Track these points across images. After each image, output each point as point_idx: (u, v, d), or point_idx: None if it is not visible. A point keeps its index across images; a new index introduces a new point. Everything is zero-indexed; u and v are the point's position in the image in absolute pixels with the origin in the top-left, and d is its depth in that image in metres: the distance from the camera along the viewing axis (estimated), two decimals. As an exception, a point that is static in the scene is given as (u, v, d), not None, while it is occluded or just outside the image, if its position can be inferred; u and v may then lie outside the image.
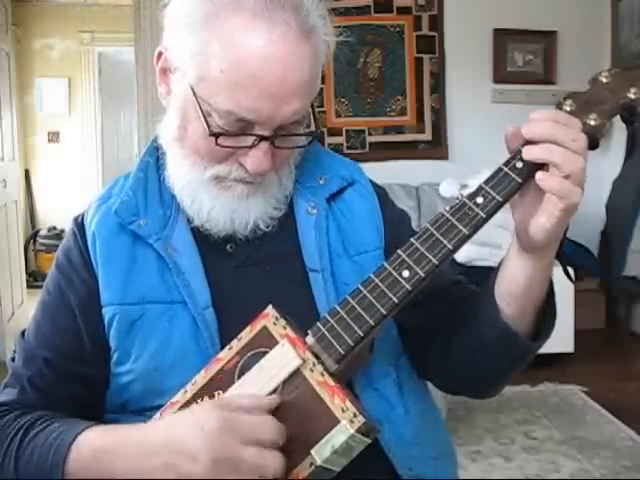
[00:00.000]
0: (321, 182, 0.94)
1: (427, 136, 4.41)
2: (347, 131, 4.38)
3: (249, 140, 0.81)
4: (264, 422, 0.71)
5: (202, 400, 0.77)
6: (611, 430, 2.83)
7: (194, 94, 0.81)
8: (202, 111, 0.80)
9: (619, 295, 4.06)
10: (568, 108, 0.77)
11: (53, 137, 6.47)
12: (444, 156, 4.41)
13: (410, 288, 0.75)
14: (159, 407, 0.80)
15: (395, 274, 0.76)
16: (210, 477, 0.68)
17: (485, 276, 0.85)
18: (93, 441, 0.77)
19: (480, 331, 0.83)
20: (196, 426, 0.70)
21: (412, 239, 0.77)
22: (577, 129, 0.72)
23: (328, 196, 0.93)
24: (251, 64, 0.77)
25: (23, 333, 0.91)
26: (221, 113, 0.79)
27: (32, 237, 6.19)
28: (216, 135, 0.80)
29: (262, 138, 0.80)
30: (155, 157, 0.94)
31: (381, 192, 0.99)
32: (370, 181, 0.99)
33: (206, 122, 0.80)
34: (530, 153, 0.73)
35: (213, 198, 0.86)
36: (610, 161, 3.80)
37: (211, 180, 0.85)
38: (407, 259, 0.76)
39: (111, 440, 0.76)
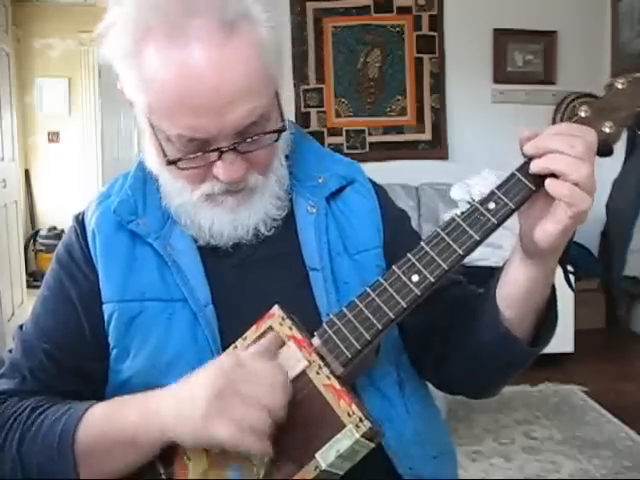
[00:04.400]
0: (320, 181, 0.93)
1: (427, 136, 4.41)
2: (347, 131, 4.38)
3: (213, 155, 0.80)
4: (270, 365, 0.73)
5: None
6: (611, 430, 2.83)
7: (151, 124, 0.81)
8: (158, 140, 0.81)
9: (619, 295, 4.06)
10: (583, 114, 0.76)
11: (53, 137, 6.47)
12: (444, 156, 4.41)
13: (419, 293, 0.75)
14: None
15: (404, 278, 0.75)
16: (210, 399, 0.70)
17: (486, 276, 0.85)
18: (105, 406, 0.80)
19: (480, 333, 0.83)
20: (202, 375, 0.73)
21: (422, 243, 0.76)
22: (577, 136, 0.72)
23: (328, 195, 0.93)
24: (176, 88, 0.75)
25: (21, 327, 0.91)
26: (175, 138, 0.79)
27: (32, 237, 6.19)
28: (173, 162, 0.81)
29: (223, 150, 0.79)
30: None
31: (380, 191, 0.99)
32: (370, 180, 0.99)
33: (162, 151, 0.81)
34: (535, 166, 0.73)
35: (209, 215, 0.86)
36: (610, 161, 3.79)
37: (202, 200, 0.85)
38: (417, 263, 0.75)
39: (123, 401, 0.79)
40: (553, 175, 0.72)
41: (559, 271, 0.81)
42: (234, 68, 0.76)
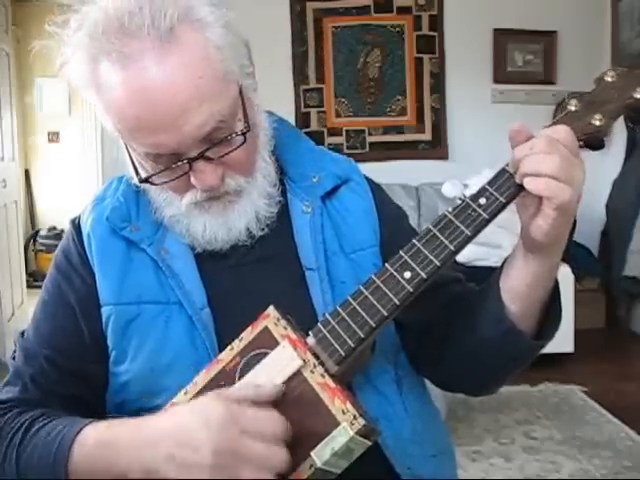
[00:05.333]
0: (315, 180, 0.93)
1: (427, 136, 4.41)
2: (347, 131, 4.38)
3: (184, 167, 0.80)
4: (268, 416, 0.71)
5: None
6: (611, 430, 2.83)
7: (124, 144, 0.83)
8: (132, 160, 0.83)
9: (619, 295, 4.06)
10: (573, 108, 0.77)
11: (53, 137, 6.46)
12: (444, 156, 4.41)
13: (412, 289, 0.75)
14: (157, 407, 0.80)
15: (397, 275, 0.76)
16: (212, 469, 0.68)
17: (485, 276, 0.85)
18: (98, 433, 0.77)
19: (481, 329, 0.82)
20: (200, 418, 0.70)
21: (414, 240, 0.76)
22: (537, 137, 0.72)
23: (323, 194, 0.93)
24: (130, 110, 0.76)
25: (23, 333, 0.92)
26: (145, 155, 0.81)
27: (32, 237, 6.19)
28: (146, 180, 0.82)
29: (191, 160, 0.79)
30: None
31: (376, 189, 0.99)
32: (366, 178, 0.99)
33: (135, 170, 0.83)
34: (517, 178, 0.74)
35: (200, 222, 0.86)
36: (610, 161, 3.80)
37: (190, 208, 0.85)
38: (409, 260, 0.76)
39: (116, 431, 0.77)
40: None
41: (559, 271, 0.81)
42: (180, 79, 0.75)
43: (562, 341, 3.39)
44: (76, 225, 0.93)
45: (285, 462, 0.69)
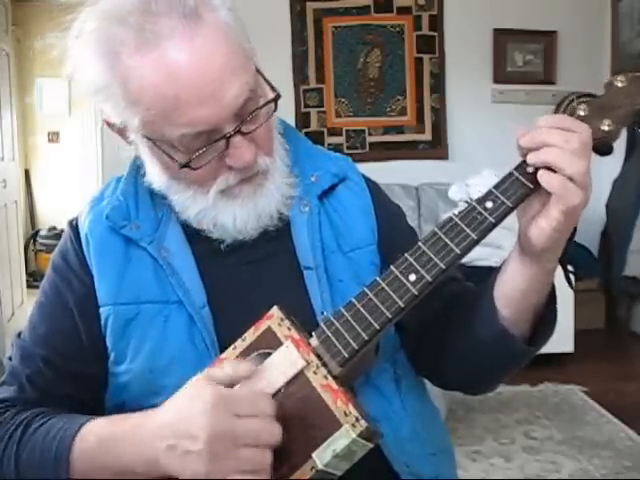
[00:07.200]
0: (312, 179, 0.93)
1: (427, 136, 4.41)
2: (347, 131, 4.38)
3: (220, 145, 0.80)
4: (257, 395, 0.72)
5: None
6: (611, 430, 2.83)
7: (150, 139, 0.82)
8: (164, 151, 0.81)
9: (619, 295, 4.06)
10: (582, 113, 0.76)
11: (53, 137, 6.47)
12: (444, 156, 4.41)
13: (416, 292, 0.75)
14: (157, 407, 0.80)
15: (402, 278, 0.75)
16: (211, 454, 0.69)
17: (485, 276, 0.85)
18: (99, 430, 0.78)
19: (477, 331, 0.82)
20: (195, 406, 0.71)
21: (420, 242, 0.76)
22: (574, 131, 0.72)
23: (320, 193, 0.93)
24: (166, 89, 0.76)
25: (19, 334, 0.92)
26: (179, 140, 0.79)
27: (32, 237, 6.19)
28: (186, 165, 0.80)
29: (228, 136, 0.80)
30: None
31: (374, 187, 0.99)
32: (363, 176, 0.99)
33: (171, 158, 0.81)
34: (533, 156, 0.73)
35: (230, 212, 0.86)
36: (610, 161, 3.80)
37: (218, 198, 0.85)
38: (414, 263, 0.75)
39: (117, 426, 0.78)
40: (548, 169, 0.72)
41: (559, 271, 0.81)
42: (212, 53, 0.77)
43: (562, 341, 3.39)
44: (74, 226, 0.93)
45: (279, 435, 0.70)
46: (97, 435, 0.78)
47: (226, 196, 0.85)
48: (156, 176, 0.87)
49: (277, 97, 0.83)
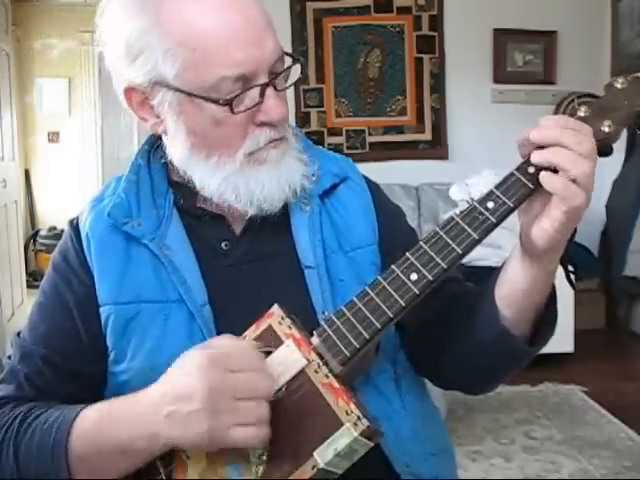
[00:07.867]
0: (313, 179, 0.93)
1: (427, 136, 4.41)
2: (347, 131, 4.38)
3: (254, 95, 0.81)
4: (246, 350, 0.74)
5: None
6: (611, 430, 2.83)
7: (184, 92, 0.81)
8: (202, 97, 0.81)
9: (619, 295, 4.06)
10: (582, 114, 0.76)
11: (53, 137, 6.47)
12: (444, 156, 4.41)
13: (418, 291, 0.75)
14: None
15: (403, 277, 0.76)
16: (210, 411, 0.70)
17: (485, 276, 0.85)
18: (96, 411, 0.80)
19: (477, 331, 0.83)
20: (185, 369, 0.73)
21: (421, 242, 0.76)
22: (584, 133, 0.72)
23: (321, 193, 0.93)
24: (218, 29, 0.79)
25: (19, 334, 0.92)
26: (217, 86, 0.80)
27: (32, 237, 6.19)
28: (229, 103, 0.80)
29: (264, 86, 0.81)
30: (147, 159, 0.95)
31: (374, 188, 0.99)
32: (363, 176, 0.99)
33: (212, 101, 0.81)
34: (538, 156, 0.72)
35: (258, 178, 0.85)
36: (610, 161, 3.79)
37: (245, 162, 0.84)
38: (415, 262, 0.76)
39: (115, 405, 0.79)
40: (550, 169, 0.72)
41: (559, 271, 0.81)
42: (251, 5, 0.82)
43: (562, 341, 3.39)
44: (74, 226, 0.93)
45: (271, 386, 0.72)
46: (94, 417, 0.79)
47: (252, 161, 0.85)
48: (180, 144, 0.86)
49: (298, 60, 0.87)
